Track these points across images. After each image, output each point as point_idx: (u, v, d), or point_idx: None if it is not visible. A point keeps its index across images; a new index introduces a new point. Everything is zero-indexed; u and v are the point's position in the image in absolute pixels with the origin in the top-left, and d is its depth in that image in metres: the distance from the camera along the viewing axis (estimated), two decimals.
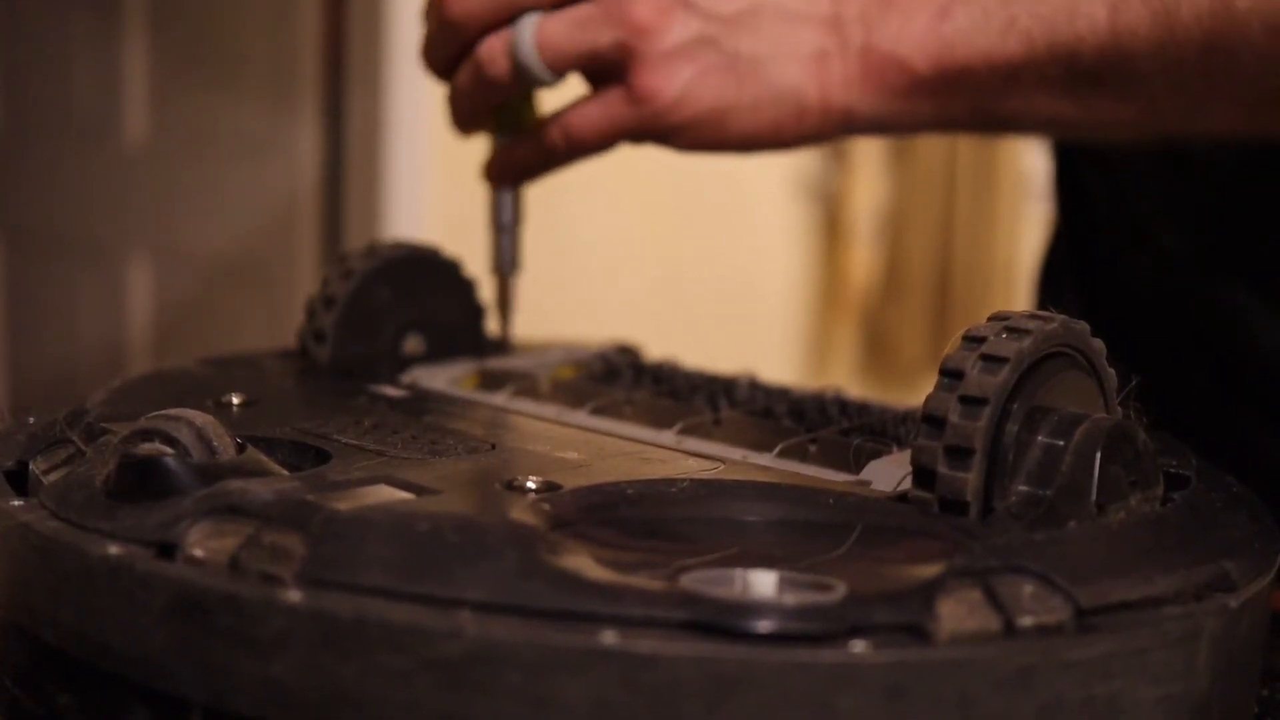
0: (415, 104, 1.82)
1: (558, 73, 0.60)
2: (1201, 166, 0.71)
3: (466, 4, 0.59)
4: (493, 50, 0.59)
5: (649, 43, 0.57)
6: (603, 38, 0.58)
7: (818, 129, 0.61)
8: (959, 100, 0.59)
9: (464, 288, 0.63)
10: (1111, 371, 0.43)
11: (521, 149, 0.63)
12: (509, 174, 0.64)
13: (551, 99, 0.62)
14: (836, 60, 0.59)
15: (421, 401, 0.52)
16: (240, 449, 0.40)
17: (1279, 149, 0.64)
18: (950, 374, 0.38)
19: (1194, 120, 0.58)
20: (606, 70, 0.59)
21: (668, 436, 0.48)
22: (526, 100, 0.63)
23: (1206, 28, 0.53)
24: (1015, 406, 0.38)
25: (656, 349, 0.68)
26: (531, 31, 0.58)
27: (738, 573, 0.34)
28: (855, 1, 0.58)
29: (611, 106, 0.59)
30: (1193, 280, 0.73)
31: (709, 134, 0.60)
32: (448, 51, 0.62)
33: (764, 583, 0.33)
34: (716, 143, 0.61)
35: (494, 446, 0.45)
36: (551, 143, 0.61)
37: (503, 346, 0.65)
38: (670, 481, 0.41)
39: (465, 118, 0.64)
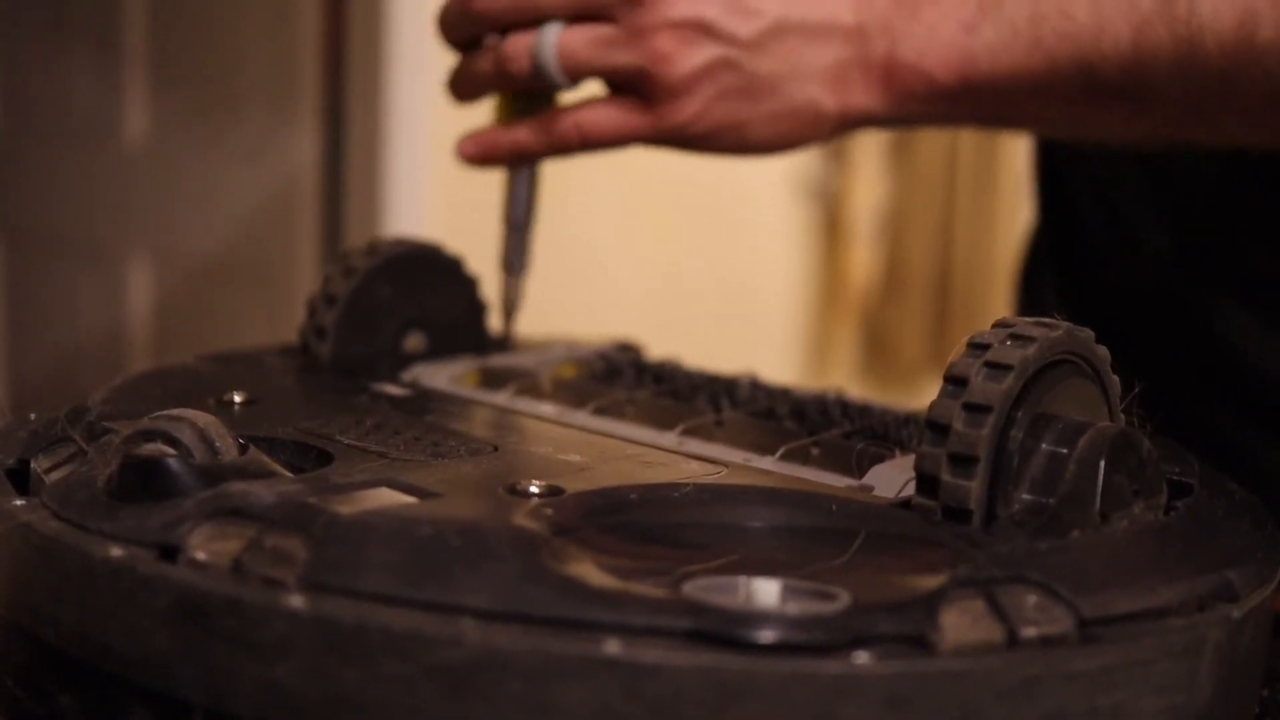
0: (415, 103, 1.81)
1: (575, 81, 0.61)
2: (1189, 171, 0.72)
3: (489, 2, 0.61)
4: (516, 48, 0.61)
5: (668, 69, 0.59)
6: (623, 59, 0.59)
7: (834, 132, 0.62)
8: (977, 106, 0.60)
9: (465, 285, 0.63)
10: (1116, 379, 0.43)
11: (524, 132, 0.63)
12: (500, 154, 0.64)
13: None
14: (857, 70, 0.60)
15: (423, 401, 0.52)
16: (243, 449, 0.40)
17: (1267, 158, 0.64)
18: (955, 381, 0.38)
19: (1205, 134, 0.59)
20: (625, 84, 0.60)
21: (670, 438, 0.48)
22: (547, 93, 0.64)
23: (1228, 55, 0.54)
24: (1020, 414, 0.38)
25: (657, 348, 0.68)
26: (554, 40, 0.60)
27: (741, 581, 0.34)
28: (879, 11, 0.59)
29: (629, 115, 0.61)
30: (1178, 283, 0.74)
31: (725, 144, 0.62)
32: (465, 34, 0.63)
33: (767, 592, 0.33)
34: (733, 151, 0.62)
35: (496, 448, 0.44)
36: (562, 134, 0.62)
37: (504, 344, 0.65)
38: (673, 486, 0.40)
39: (468, 93, 0.65)
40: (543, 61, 0.60)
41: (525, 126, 0.63)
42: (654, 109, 0.60)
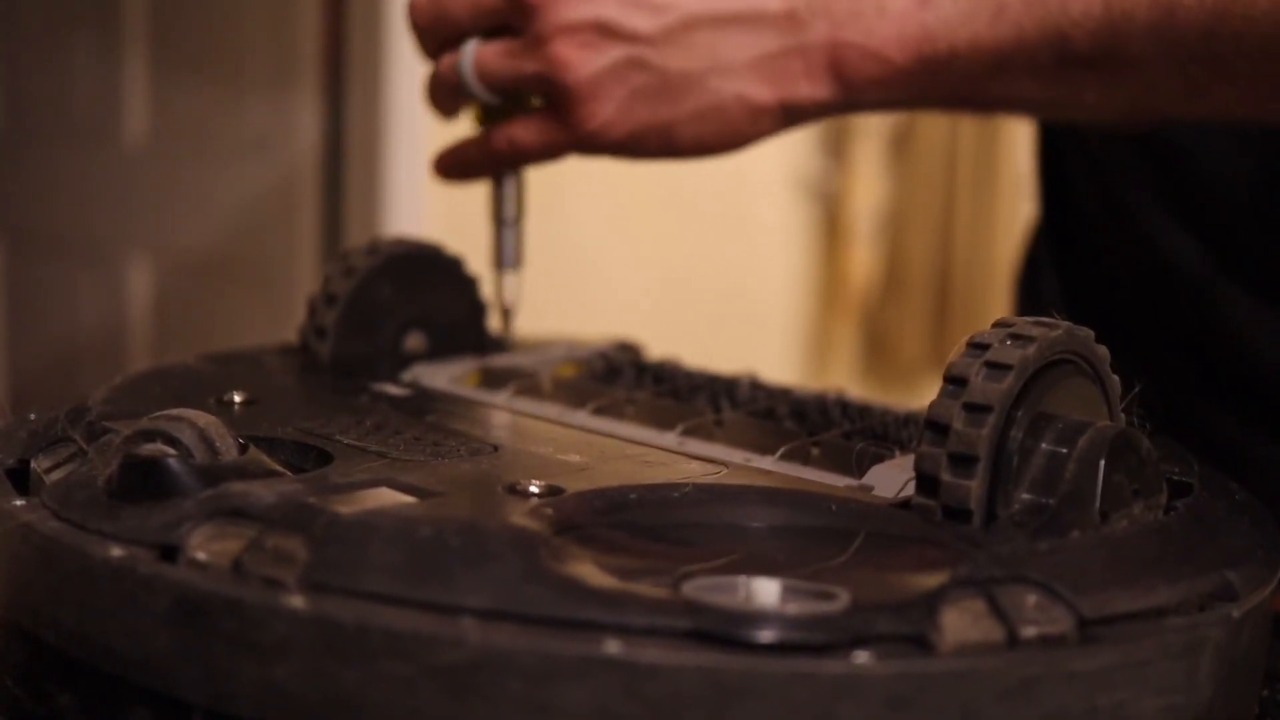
0: (416, 101, 1.81)
1: (496, 93, 0.61)
2: (1190, 154, 0.70)
3: (422, 19, 0.62)
4: (445, 66, 0.62)
5: (569, 75, 0.58)
6: (529, 68, 0.59)
7: (780, 124, 0.60)
8: (939, 87, 0.57)
9: (465, 285, 0.63)
10: (1115, 378, 0.43)
11: (470, 149, 0.64)
12: (456, 169, 0.66)
13: None
14: (794, 58, 0.57)
15: (423, 401, 0.52)
16: (243, 449, 0.40)
17: (1272, 136, 0.63)
18: (954, 381, 0.38)
19: (1190, 105, 0.56)
20: (542, 95, 0.61)
21: (670, 438, 0.48)
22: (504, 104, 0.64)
23: (1210, 10, 0.51)
24: (1019, 414, 0.38)
25: (657, 348, 0.68)
26: (471, 55, 0.61)
27: (741, 581, 0.34)
28: None
29: (547, 128, 0.60)
30: (1178, 270, 0.73)
31: (654, 148, 0.60)
32: (424, 52, 0.64)
33: (767, 591, 0.33)
34: (667, 155, 0.61)
35: (496, 448, 0.44)
36: (496, 149, 0.63)
37: (504, 344, 0.65)
38: (673, 486, 0.40)
39: (435, 109, 0.66)
40: (463, 75, 0.61)
41: (471, 143, 0.64)
42: (567, 118, 0.59)
